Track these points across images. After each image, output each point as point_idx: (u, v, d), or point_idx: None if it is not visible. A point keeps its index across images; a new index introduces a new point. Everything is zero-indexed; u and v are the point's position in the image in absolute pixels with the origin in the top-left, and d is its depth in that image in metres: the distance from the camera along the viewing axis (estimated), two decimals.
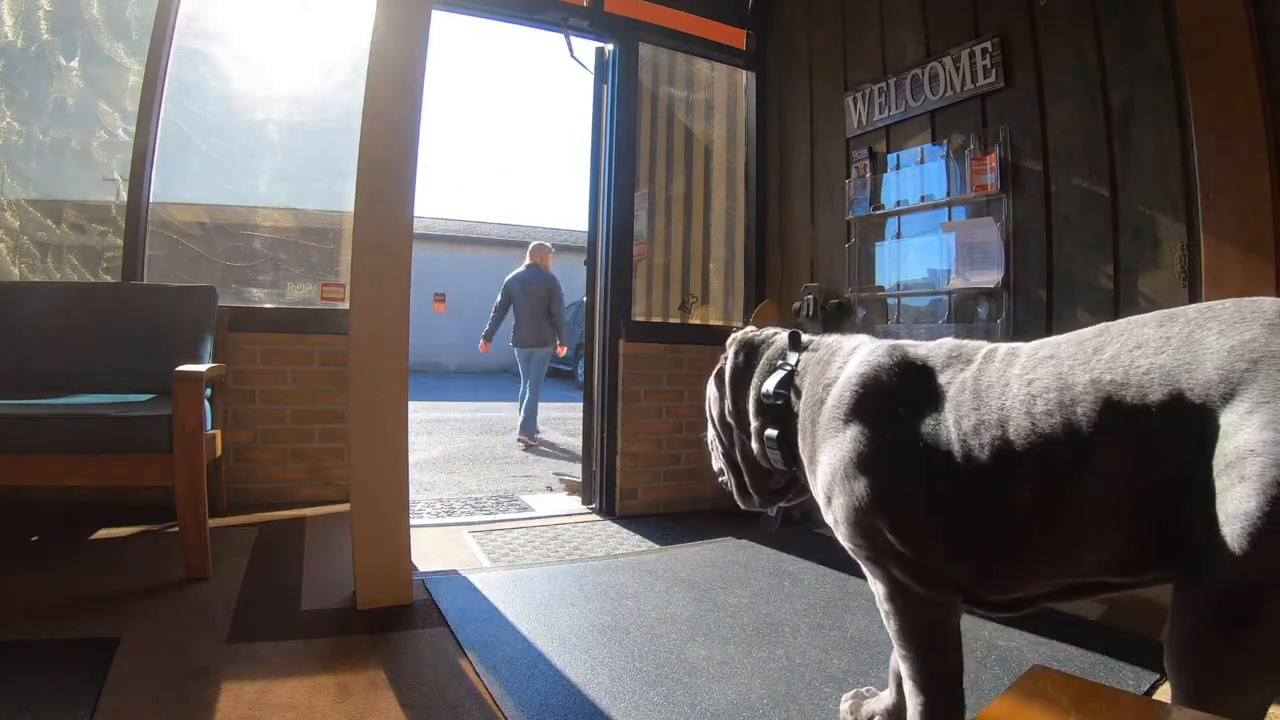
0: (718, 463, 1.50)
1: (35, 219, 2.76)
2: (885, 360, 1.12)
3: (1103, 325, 0.97)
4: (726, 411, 1.40)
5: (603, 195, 3.34)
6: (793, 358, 1.29)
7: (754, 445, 1.34)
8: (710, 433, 1.51)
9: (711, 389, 1.46)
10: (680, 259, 3.56)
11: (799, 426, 1.23)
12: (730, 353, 1.42)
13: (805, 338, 1.33)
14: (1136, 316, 0.94)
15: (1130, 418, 0.85)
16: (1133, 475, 0.85)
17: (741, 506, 1.48)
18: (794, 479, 1.35)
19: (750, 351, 1.39)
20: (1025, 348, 1.02)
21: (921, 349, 1.13)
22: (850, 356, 1.19)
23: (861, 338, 1.25)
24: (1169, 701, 0.81)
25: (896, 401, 1.08)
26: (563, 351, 5.95)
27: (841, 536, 1.14)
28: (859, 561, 1.15)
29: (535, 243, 5.93)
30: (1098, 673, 1.60)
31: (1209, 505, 0.78)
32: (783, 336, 1.37)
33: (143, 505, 2.57)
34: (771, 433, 1.27)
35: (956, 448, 0.99)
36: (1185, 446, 0.81)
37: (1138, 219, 2.07)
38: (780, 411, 1.26)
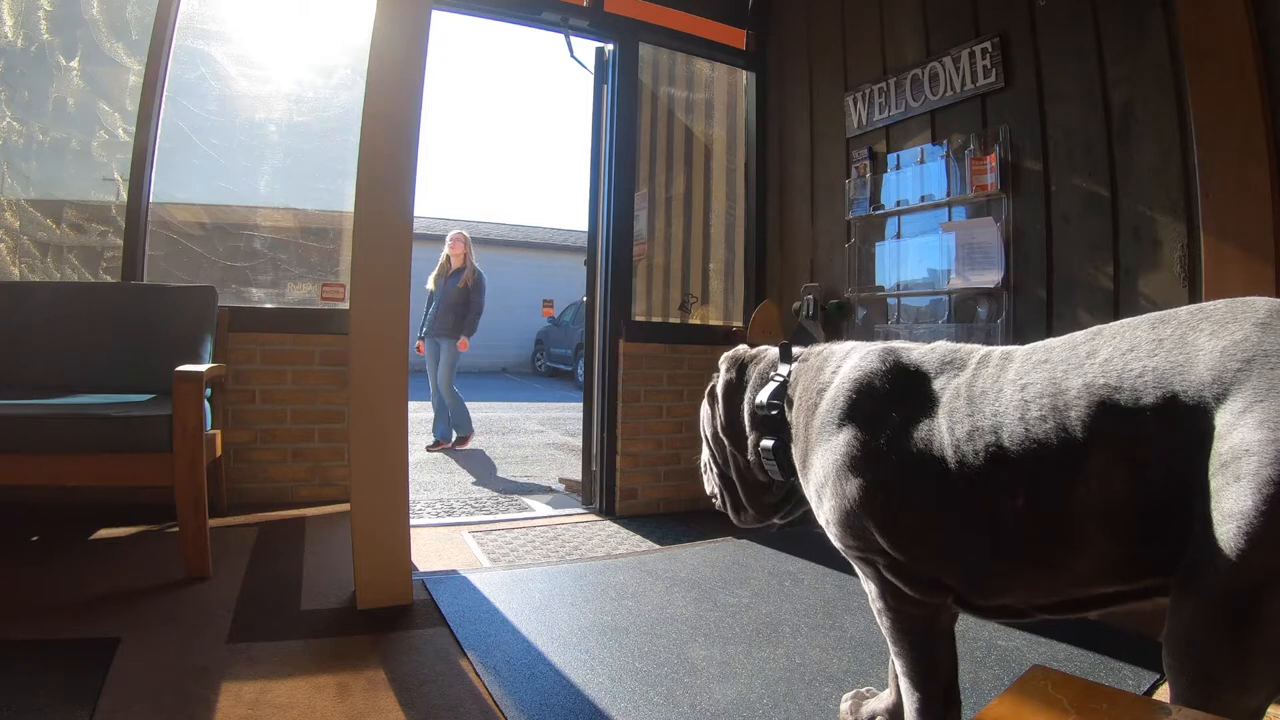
0: (711, 484, 1.51)
1: (35, 219, 2.76)
2: (878, 364, 1.12)
3: (1096, 328, 0.96)
4: (720, 428, 1.41)
5: (603, 195, 3.34)
6: (784, 369, 1.30)
7: (750, 458, 1.35)
8: (704, 455, 1.52)
9: (705, 408, 1.47)
10: (680, 259, 3.56)
11: (793, 432, 1.23)
12: (723, 369, 1.44)
13: (796, 349, 1.34)
14: (1129, 319, 0.94)
15: (1124, 421, 0.85)
16: (1127, 479, 0.85)
17: (737, 524, 1.48)
18: (792, 490, 1.35)
19: (742, 366, 1.41)
20: (1019, 352, 1.02)
21: (915, 353, 1.13)
22: (844, 361, 1.19)
23: (853, 343, 1.26)
24: (1169, 701, 0.81)
25: (890, 405, 1.08)
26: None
27: (833, 536, 1.14)
28: (850, 561, 1.15)
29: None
30: (1098, 673, 1.60)
31: (1205, 506, 0.78)
32: (773, 350, 1.38)
33: (143, 505, 2.57)
34: (767, 443, 1.28)
35: (950, 453, 0.99)
36: (1180, 448, 0.81)
37: (1138, 219, 2.07)
38: (775, 422, 1.27)
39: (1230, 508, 0.75)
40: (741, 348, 1.48)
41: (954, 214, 2.63)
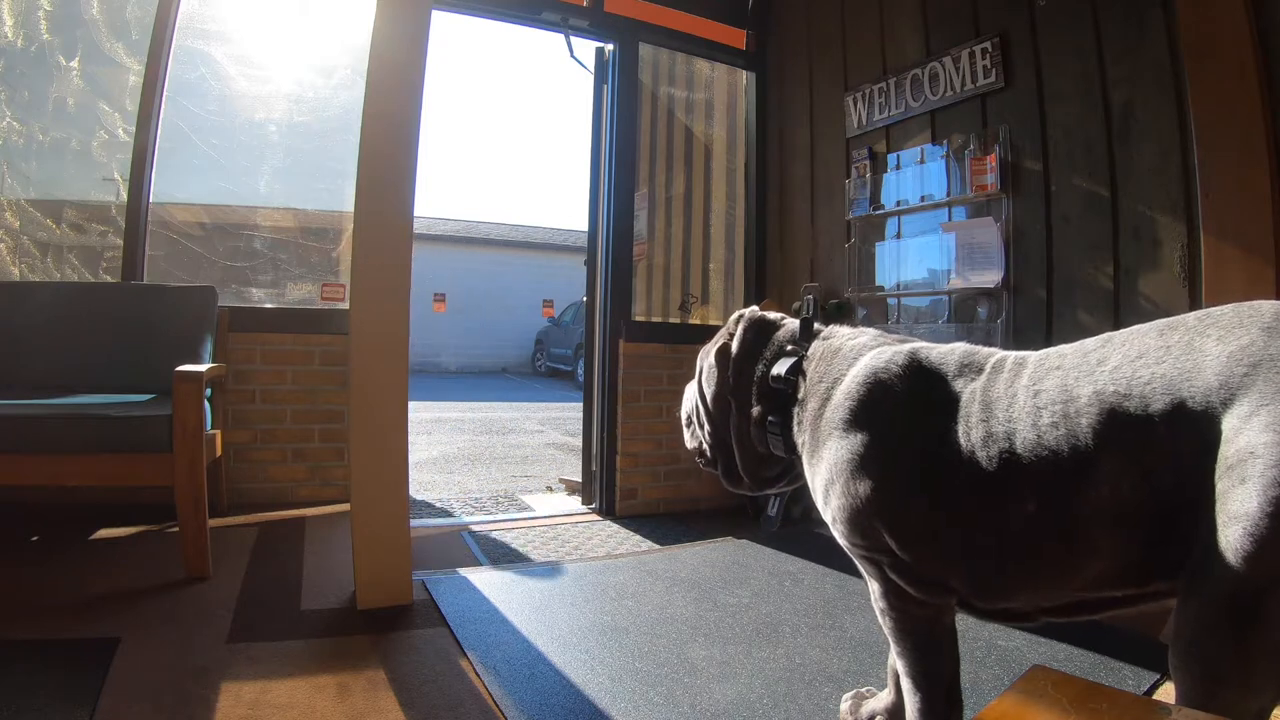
0: (695, 441, 1.45)
1: (35, 219, 2.76)
2: (897, 364, 1.10)
3: (1107, 335, 0.97)
4: (728, 389, 1.35)
5: (603, 195, 3.34)
6: (804, 344, 1.28)
7: (752, 428, 1.31)
8: (686, 407, 1.46)
9: (709, 363, 1.39)
10: (680, 259, 3.56)
11: (803, 417, 1.21)
12: (739, 330, 1.37)
13: (817, 326, 1.31)
14: (1139, 325, 0.94)
15: (1133, 428, 0.85)
16: (1137, 485, 0.85)
17: (730, 489, 1.44)
18: (790, 465, 1.32)
19: (761, 331, 1.36)
20: (1032, 358, 1.02)
21: (934, 354, 1.12)
22: (862, 354, 1.17)
23: (872, 333, 1.24)
24: (1169, 701, 0.81)
25: (906, 406, 1.07)
26: None
27: (838, 534, 1.14)
28: (854, 559, 1.15)
29: None
30: (1098, 673, 1.60)
31: (1212, 508, 0.78)
32: (793, 321, 1.35)
33: (143, 505, 2.57)
34: (775, 418, 1.26)
35: (964, 458, 0.99)
36: (1188, 454, 0.81)
37: (1138, 219, 2.07)
38: (786, 398, 1.25)
39: (1236, 509, 0.75)
40: (757, 310, 1.41)
41: (954, 214, 2.63)
